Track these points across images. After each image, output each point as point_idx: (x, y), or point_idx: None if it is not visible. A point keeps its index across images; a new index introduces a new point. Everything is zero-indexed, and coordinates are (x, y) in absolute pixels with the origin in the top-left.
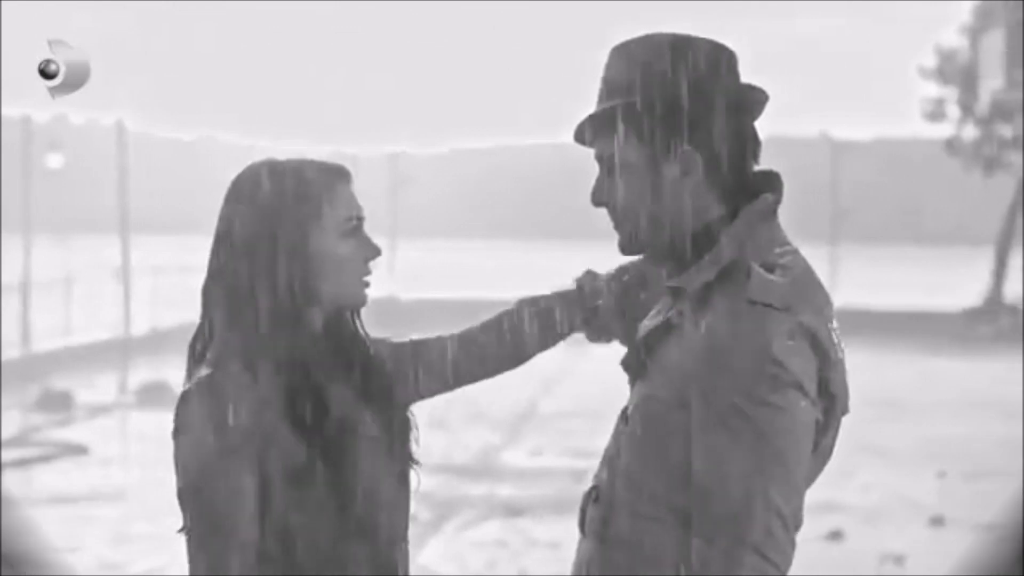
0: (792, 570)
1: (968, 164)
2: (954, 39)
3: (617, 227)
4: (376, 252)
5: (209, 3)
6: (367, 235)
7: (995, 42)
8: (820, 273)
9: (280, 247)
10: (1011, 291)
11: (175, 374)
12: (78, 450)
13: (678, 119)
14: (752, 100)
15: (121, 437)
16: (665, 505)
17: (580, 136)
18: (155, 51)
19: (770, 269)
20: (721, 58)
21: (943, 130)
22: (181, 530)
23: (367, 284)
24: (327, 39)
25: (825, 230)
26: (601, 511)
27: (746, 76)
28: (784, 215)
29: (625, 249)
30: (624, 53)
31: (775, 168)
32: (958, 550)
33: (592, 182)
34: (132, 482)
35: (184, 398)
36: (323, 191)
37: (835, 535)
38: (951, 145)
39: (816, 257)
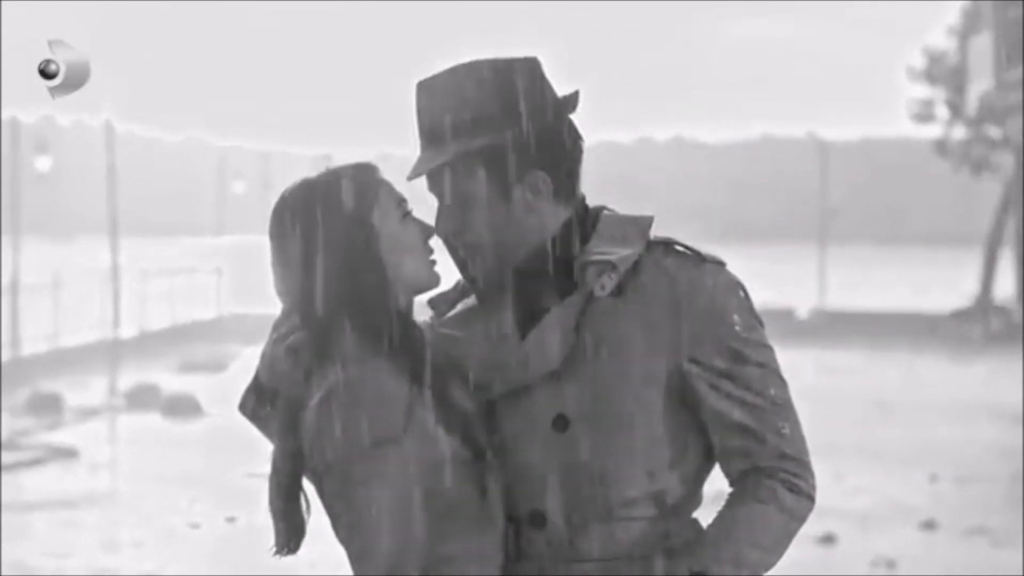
0: (784, 573)
1: (957, 165)
2: (942, 40)
3: (480, 255)
4: (432, 231)
5: (194, 5)
6: (416, 217)
7: (983, 43)
8: (808, 273)
9: (364, 244)
10: (1000, 292)
11: (164, 376)
12: (68, 454)
13: (529, 146)
14: (572, 102)
15: (111, 440)
16: (643, 493)
17: (427, 176)
18: (141, 52)
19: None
20: (540, 71)
21: (931, 131)
22: (339, 535)
23: (435, 263)
24: (311, 42)
25: (813, 231)
26: (559, 532)
27: (728, 79)
28: (772, 216)
29: (491, 276)
30: (448, 90)
31: (766, 170)
32: (950, 554)
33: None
34: (122, 486)
35: (326, 401)
36: (374, 185)
37: (827, 539)
38: (940, 146)
39: (804, 258)
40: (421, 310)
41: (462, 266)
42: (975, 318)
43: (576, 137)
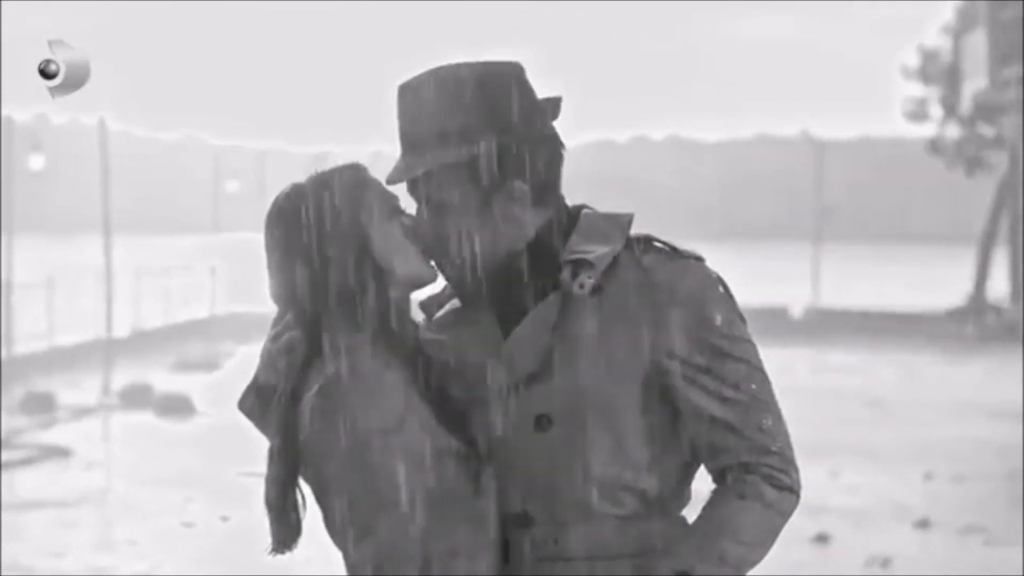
0: (778, 572)
1: (950, 164)
2: (936, 39)
3: (460, 262)
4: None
5: (193, 5)
6: (409, 214)
7: (977, 42)
8: (803, 272)
9: (357, 244)
10: (993, 290)
11: (158, 375)
12: (61, 453)
13: (509, 155)
14: (554, 108)
15: (104, 439)
16: (627, 491)
17: (408, 181)
18: (136, 50)
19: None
20: (522, 77)
21: (926, 130)
22: (330, 527)
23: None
24: (309, 42)
25: (809, 229)
26: (543, 532)
27: (725, 78)
28: (768, 215)
29: (471, 281)
30: (429, 96)
31: (762, 169)
32: (945, 552)
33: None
34: (116, 485)
35: (324, 391)
36: (363, 185)
37: (821, 538)
38: (934, 145)
39: (799, 256)
40: (418, 310)
41: (443, 271)
42: (969, 317)
43: (557, 144)
